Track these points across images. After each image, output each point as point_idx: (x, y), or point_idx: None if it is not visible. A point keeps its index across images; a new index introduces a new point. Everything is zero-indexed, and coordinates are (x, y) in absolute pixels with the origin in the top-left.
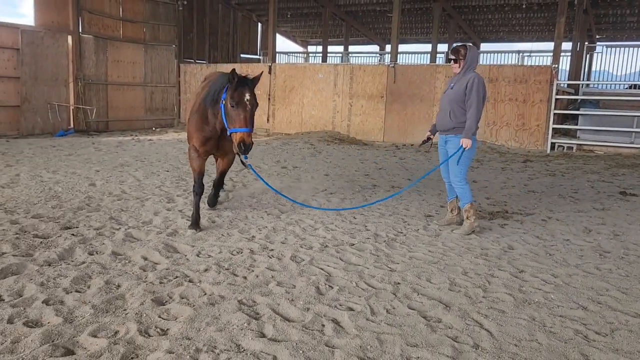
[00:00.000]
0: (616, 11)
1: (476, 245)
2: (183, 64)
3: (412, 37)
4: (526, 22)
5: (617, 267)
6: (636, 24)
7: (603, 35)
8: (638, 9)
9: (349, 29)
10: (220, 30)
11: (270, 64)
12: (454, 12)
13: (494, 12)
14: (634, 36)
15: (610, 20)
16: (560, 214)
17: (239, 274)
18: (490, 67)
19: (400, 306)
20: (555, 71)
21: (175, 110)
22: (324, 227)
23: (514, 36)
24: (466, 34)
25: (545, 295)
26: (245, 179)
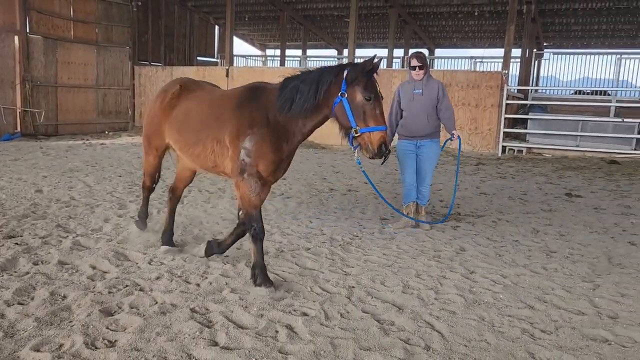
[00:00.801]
0: (562, 20)
1: (429, 247)
2: (138, 66)
3: (370, 42)
4: (478, 29)
5: (562, 266)
6: (580, 33)
7: (550, 43)
8: (582, 18)
9: (307, 33)
10: (177, 32)
11: (228, 67)
12: (409, 18)
13: (448, 19)
14: (579, 44)
15: (557, 28)
16: (509, 216)
17: (192, 281)
18: (444, 72)
19: (354, 310)
20: (505, 77)
21: (129, 114)
22: (280, 232)
23: (466, 42)
24: (421, 40)
25: (495, 296)
26: (201, 184)
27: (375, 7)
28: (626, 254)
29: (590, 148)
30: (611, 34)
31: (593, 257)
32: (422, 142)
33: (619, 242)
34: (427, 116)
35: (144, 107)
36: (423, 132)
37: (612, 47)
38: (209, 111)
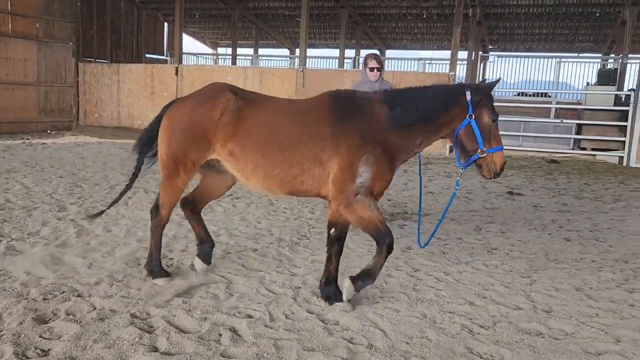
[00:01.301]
0: (506, 24)
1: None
2: (82, 63)
3: (321, 42)
4: (427, 31)
5: (502, 262)
6: (523, 36)
7: (495, 46)
8: (524, 22)
9: (259, 32)
10: (124, 29)
11: (177, 65)
12: (360, 19)
13: (398, 21)
14: (522, 47)
15: (501, 32)
16: (454, 214)
17: (134, 285)
18: (394, 73)
19: (299, 311)
20: (452, 78)
21: (73, 112)
22: (228, 233)
23: (416, 44)
24: (372, 41)
25: (437, 293)
26: (147, 184)
27: (327, 7)
28: (562, 249)
29: (532, 148)
30: (551, 37)
31: (531, 253)
32: None
33: (556, 239)
34: None
35: (89, 105)
36: None
37: (553, 50)
38: (298, 127)
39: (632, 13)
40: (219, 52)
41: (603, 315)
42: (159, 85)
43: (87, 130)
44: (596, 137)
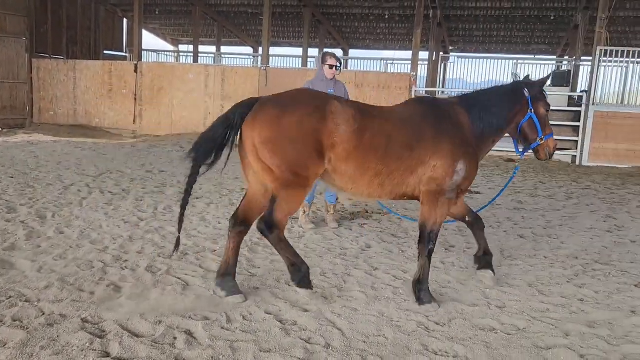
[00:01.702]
0: (465, 26)
1: (337, 245)
2: (36, 59)
3: (285, 40)
4: (389, 31)
5: (459, 260)
6: (482, 38)
7: (455, 47)
8: (483, 24)
9: (221, 30)
10: (80, 24)
11: (137, 62)
12: (323, 18)
13: (360, 21)
14: (481, 49)
15: (461, 33)
16: (414, 212)
17: (86, 289)
18: (357, 73)
19: (257, 312)
20: (413, 78)
21: (27, 110)
22: (186, 234)
23: (379, 44)
24: (336, 40)
25: (395, 291)
26: (104, 184)
27: (290, 6)
28: (516, 246)
29: None
30: (509, 40)
31: None
32: None
33: (511, 236)
34: None
35: (44, 103)
36: None
37: (510, 52)
38: (407, 133)
39: (584, 17)
40: (180, 49)
41: (553, 310)
42: (118, 82)
43: (41, 129)
44: None
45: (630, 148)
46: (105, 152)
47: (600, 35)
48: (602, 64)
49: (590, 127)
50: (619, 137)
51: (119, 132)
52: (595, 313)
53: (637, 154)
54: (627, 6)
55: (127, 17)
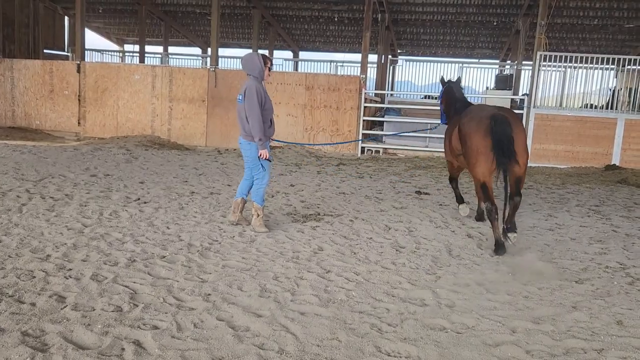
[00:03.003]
0: (412, 29)
1: (289, 248)
2: None
3: (234, 41)
4: (339, 34)
5: (409, 260)
6: (429, 42)
7: (403, 50)
8: (429, 29)
9: (169, 30)
10: (18, 21)
11: (79, 62)
12: (273, 20)
13: (310, 23)
14: (428, 52)
15: (408, 37)
16: (365, 214)
17: (27, 300)
18: (307, 75)
19: (209, 319)
20: (363, 81)
21: None
22: (133, 240)
23: (329, 47)
24: (285, 42)
25: (348, 293)
26: (45, 189)
27: (239, 6)
28: (464, 245)
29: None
30: (455, 44)
31: (436, 251)
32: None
33: (458, 235)
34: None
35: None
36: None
37: (456, 56)
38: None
39: (525, 23)
40: (126, 49)
41: (500, 308)
42: (60, 83)
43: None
44: None
45: (568, 149)
46: (47, 156)
47: (540, 40)
48: (542, 69)
49: (532, 129)
50: (558, 139)
51: (61, 134)
52: (540, 309)
53: (575, 155)
54: (564, 13)
55: (69, 15)
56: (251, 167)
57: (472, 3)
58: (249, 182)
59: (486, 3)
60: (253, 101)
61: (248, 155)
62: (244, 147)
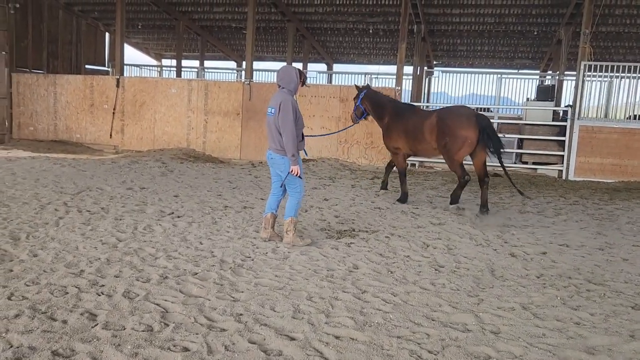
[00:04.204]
0: (449, 40)
1: (323, 266)
2: (16, 73)
3: (269, 54)
4: (374, 46)
5: (449, 281)
6: (466, 53)
7: (439, 61)
8: (466, 39)
9: (205, 44)
10: (62, 39)
11: (119, 77)
12: (307, 32)
13: (344, 36)
14: (464, 63)
15: (445, 48)
16: (402, 230)
17: (58, 317)
18: (341, 87)
19: (240, 341)
20: (398, 93)
21: (5, 125)
22: (166, 256)
23: (363, 59)
24: (320, 55)
25: (385, 316)
26: (82, 203)
27: (274, 20)
28: (507, 266)
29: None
30: (493, 54)
31: (478, 271)
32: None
33: (501, 254)
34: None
35: (23, 118)
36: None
37: (494, 66)
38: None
39: (567, 32)
40: (163, 63)
41: (550, 335)
42: (99, 97)
43: (20, 144)
44: (537, 151)
45: (615, 162)
46: (85, 169)
47: (584, 50)
48: (587, 79)
49: (576, 141)
50: (604, 152)
51: (100, 147)
52: (593, 338)
53: (622, 169)
54: (609, 22)
55: (110, 32)
56: (283, 181)
57: (512, 13)
58: (278, 196)
59: (526, 12)
60: (289, 116)
61: (282, 170)
62: (275, 161)
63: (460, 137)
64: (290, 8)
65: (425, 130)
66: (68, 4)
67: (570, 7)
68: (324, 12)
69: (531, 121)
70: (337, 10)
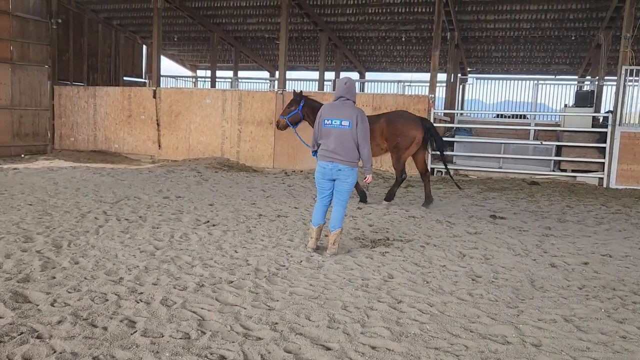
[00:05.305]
0: (483, 47)
1: (357, 275)
2: (58, 86)
3: (301, 64)
4: (406, 54)
5: (487, 291)
6: (500, 59)
7: (473, 68)
8: (501, 45)
9: (238, 55)
10: (101, 51)
11: (155, 88)
12: (339, 42)
13: (377, 44)
14: (499, 69)
15: (479, 54)
16: (437, 240)
17: (99, 324)
18: (374, 96)
19: (275, 350)
20: (432, 100)
21: (48, 136)
22: (202, 264)
23: (395, 67)
24: (352, 63)
25: (421, 327)
26: (121, 211)
27: (306, 30)
28: (547, 276)
29: (512, 170)
30: (528, 60)
31: (516, 281)
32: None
33: (541, 265)
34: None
35: (65, 129)
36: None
37: (530, 72)
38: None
39: (607, 37)
40: (198, 74)
41: (594, 349)
42: (137, 108)
43: (61, 155)
44: (576, 158)
45: None
46: (123, 178)
47: (625, 54)
48: (628, 84)
49: (617, 148)
50: None
51: (137, 157)
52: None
53: None
54: None
55: (146, 44)
56: (342, 192)
57: (548, 18)
58: (326, 207)
59: (563, 17)
60: (367, 128)
61: (349, 182)
62: (343, 173)
63: (410, 137)
64: (323, 18)
65: (376, 132)
66: (107, 18)
67: (609, 11)
68: (356, 21)
69: (570, 128)
70: (369, 19)
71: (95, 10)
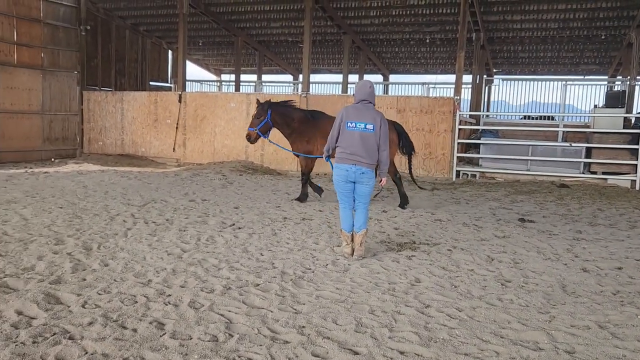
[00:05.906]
0: (509, 47)
1: (384, 279)
2: (86, 91)
3: (325, 67)
4: (430, 55)
5: (517, 296)
6: (527, 60)
7: (499, 69)
8: (528, 46)
9: (262, 58)
10: (128, 57)
11: (181, 93)
12: (363, 44)
13: (401, 46)
14: (526, 70)
15: (505, 55)
16: (464, 243)
17: (129, 326)
18: (398, 98)
19: (303, 354)
20: (457, 102)
21: (77, 140)
22: (229, 267)
23: (419, 69)
24: (375, 66)
25: (450, 332)
26: (149, 214)
27: (329, 33)
28: (579, 281)
29: (541, 172)
30: (556, 60)
31: (547, 286)
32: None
33: (572, 269)
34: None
35: (93, 133)
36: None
37: (558, 73)
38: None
39: (638, 35)
40: (222, 78)
41: (631, 357)
42: (163, 112)
43: (90, 158)
44: (607, 160)
45: None
46: (150, 181)
47: None
48: None
49: None
50: None
51: (163, 160)
52: None
53: None
54: None
55: (172, 49)
56: (363, 195)
57: (577, 17)
58: (352, 209)
59: (593, 16)
60: (387, 132)
61: (370, 185)
62: (367, 176)
63: (390, 139)
64: (346, 20)
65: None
66: (134, 24)
67: None
68: (380, 24)
69: (600, 129)
70: (393, 22)
71: (123, 16)
